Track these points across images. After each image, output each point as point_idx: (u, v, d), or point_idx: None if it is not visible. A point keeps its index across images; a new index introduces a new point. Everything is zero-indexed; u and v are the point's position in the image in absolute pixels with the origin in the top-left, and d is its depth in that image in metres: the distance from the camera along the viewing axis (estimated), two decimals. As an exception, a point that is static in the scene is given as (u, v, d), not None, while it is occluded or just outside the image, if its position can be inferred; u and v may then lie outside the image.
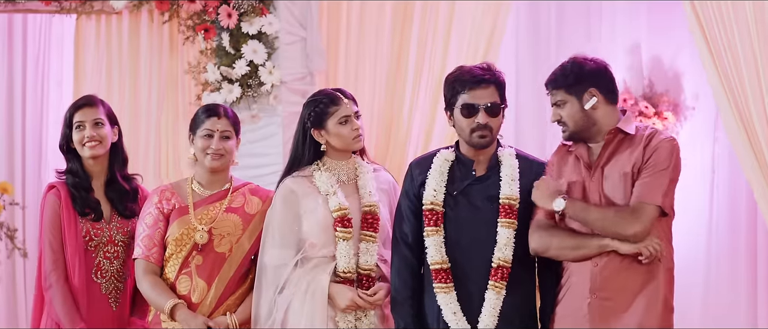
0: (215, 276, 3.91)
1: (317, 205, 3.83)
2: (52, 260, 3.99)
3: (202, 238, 3.91)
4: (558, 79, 3.69)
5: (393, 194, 3.94)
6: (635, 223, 3.51)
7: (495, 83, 3.73)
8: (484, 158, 3.78)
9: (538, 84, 6.02)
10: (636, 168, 3.60)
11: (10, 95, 6.09)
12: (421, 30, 5.48)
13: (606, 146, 3.66)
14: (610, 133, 3.66)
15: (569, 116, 3.67)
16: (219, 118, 3.95)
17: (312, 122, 3.87)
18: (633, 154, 3.62)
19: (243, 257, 3.94)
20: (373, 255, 3.82)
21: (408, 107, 5.47)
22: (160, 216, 3.96)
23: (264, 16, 5.36)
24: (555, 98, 3.69)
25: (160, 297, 3.87)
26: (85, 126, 4.03)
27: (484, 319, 3.68)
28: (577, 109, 3.66)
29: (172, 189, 4.01)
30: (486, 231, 3.71)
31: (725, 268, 5.83)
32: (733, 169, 5.69)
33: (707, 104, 5.81)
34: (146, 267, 3.93)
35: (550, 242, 3.62)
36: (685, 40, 5.65)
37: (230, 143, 3.96)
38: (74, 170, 4.07)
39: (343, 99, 3.87)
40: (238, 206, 3.98)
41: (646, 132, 3.67)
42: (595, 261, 3.58)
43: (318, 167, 3.89)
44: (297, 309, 3.79)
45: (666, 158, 3.59)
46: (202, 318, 3.85)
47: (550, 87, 3.72)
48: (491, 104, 3.71)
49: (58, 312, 3.96)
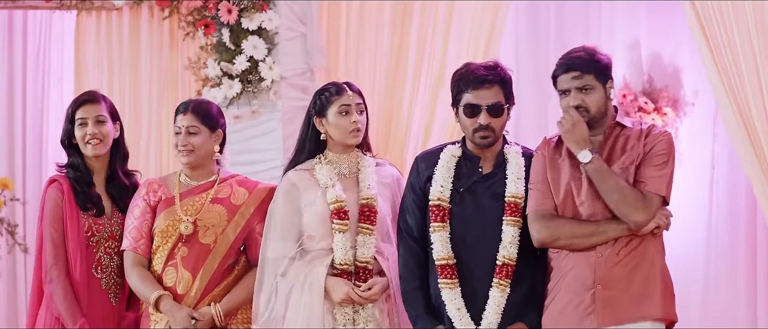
0: (200, 267, 3.91)
1: (316, 198, 3.84)
2: (53, 254, 3.99)
3: (186, 229, 3.91)
4: (589, 63, 3.62)
5: (396, 188, 3.94)
6: (644, 211, 3.53)
7: (499, 82, 3.70)
8: (491, 156, 3.77)
9: (538, 81, 6.07)
10: (637, 162, 3.60)
11: (11, 91, 6.10)
12: (421, 26, 5.49)
13: (606, 139, 3.65)
14: (609, 127, 3.66)
15: (594, 102, 3.61)
16: (184, 114, 3.95)
17: (316, 109, 3.88)
18: (633, 149, 3.62)
19: (228, 248, 3.94)
20: (370, 247, 3.82)
21: (408, 102, 5.48)
22: (147, 208, 3.96)
23: (264, 12, 5.36)
24: (582, 82, 3.60)
25: (147, 289, 3.89)
26: (88, 123, 4.03)
27: (488, 317, 3.67)
28: (602, 96, 3.62)
29: (160, 181, 4.02)
30: (491, 229, 3.70)
31: (725, 265, 5.83)
32: (732, 165, 5.70)
33: (707, 100, 5.81)
34: (134, 259, 3.94)
35: (560, 232, 3.60)
36: (684, 36, 5.66)
37: (197, 139, 3.93)
38: (76, 165, 4.06)
39: (347, 90, 3.88)
40: (225, 197, 3.98)
41: (643, 126, 3.68)
42: (600, 251, 3.58)
43: (319, 161, 3.90)
44: (295, 301, 3.79)
45: (666, 150, 3.60)
46: (186, 309, 3.86)
47: (576, 70, 3.62)
48: (493, 104, 3.69)
49: (59, 306, 3.96)
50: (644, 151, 3.60)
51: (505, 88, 3.72)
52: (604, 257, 3.57)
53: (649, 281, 3.57)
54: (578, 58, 3.63)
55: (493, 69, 3.71)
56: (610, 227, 3.57)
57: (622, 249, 3.57)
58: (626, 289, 3.56)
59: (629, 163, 3.61)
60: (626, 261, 3.57)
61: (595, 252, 3.58)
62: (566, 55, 3.68)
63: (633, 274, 3.56)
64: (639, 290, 3.56)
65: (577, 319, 3.59)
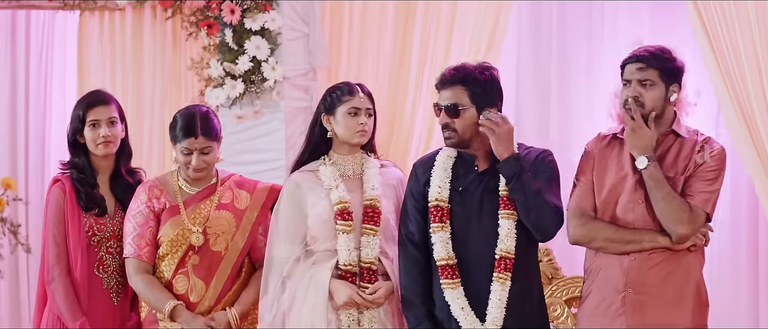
0: (213, 274, 3.92)
1: (320, 199, 3.85)
2: (55, 254, 4.01)
3: (198, 240, 3.92)
4: (655, 58, 3.58)
5: (401, 190, 3.95)
6: (689, 224, 3.51)
7: (461, 83, 3.70)
8: (485, 154, 3.77)
9: (539, 82, 6.07)
10: (688, 172, 3.56)
11: (14, 91, 6.09)
12: (424, 27, 5.50)
13: (659, 145, 3.61)
14: (664, 133, 3.62)
15: (651, 99, 3.57)
16: (195, 138, 3.91)
17: (325, 107, 3.89)
18: (686, 159, 3.59)
19: (238, 253, 3.96)
20: (375, 248, 3.83)
21: (410, 103, 5.49)
22: (151, 215, 3.96)
23: (267, 12, 5.37)
24: (644, 75, 3.57)
25: (158, 299, 3.89)
26: (101, 125, 4.03)
27: (492, 311, 3.68)
28: (662, 96, 3.58)
29: (160, 186, 4.00)
30: (490, 225, 3.71)
31: (727, 264, 5.82)
32: (734, 165, 5.69)
33: (709, 100, 5.80)
34: (138, 265, 3.94)
35: (596, 234, 3.58)
36: (687, 36, 5.65)
37: (210, 156, 3.95)
38: (80, 165, 4.07)
39: (358, 92, 3.89)
40: (228, 202, 3.98)
41: (699, 138, 3.63)
42: (633, 256, 3.56)
43: (324, 162, 3.91)
44: (300, 302, 3.80)
45: (719, 165, 3.58)
46: (202, 319, 3.87)
47: (639, 62, 3.58)
48: (449, 105, 3.71)
49: (60, 305, 3.97)
50: (696, 163, 3.57)
51: (471, 89, 3.70)
52: (637, 261, 3.56)
53: (683, 288, 3.55)
54: (648, 51, 3.61)
55: (456, 70, 3.73)
56: (646, 237, 3.54)
57: (657, 254, 3.55)
58: (659, 295, 3.54)
59: (680, 173, 3.57)
60: (662, 266, 3.55)
61: (628, 256, 3.56)
62: (640, 47, 3.65)
63: (666, 280, 3.55)
64: (671, 297, 3.54)
65: (608, 319, 3.58)
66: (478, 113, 3.70)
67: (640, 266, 3.55)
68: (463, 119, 3.71)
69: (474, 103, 3.71)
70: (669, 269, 3.55)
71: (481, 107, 3.70)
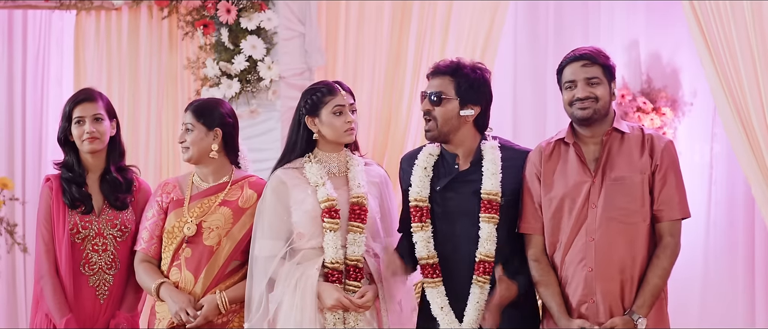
0: (202, 268, 3.92)
1: (306, 196, 3.83)
2: (43, 252, 4.02)
3: (189, 230, 3.92)
4: (600, 56, 3.60)
5: (384, 188, 3.95)
6: (677, 246, 3.59)
7: (450, 75, 3.70)
8: (466, 152, 3.75)
9: (536, 80, 6.08)
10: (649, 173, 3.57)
11: (11, 91, 6.10)
12: (420, 26, 5.50)
13: (604, 145, 3.61)
14: (607, 132, 3.62)
15: (602, 94, 3.58)
16: (185, 112, 4.03)
17: (307, 109, 3.87)
18: (635, 156, 3.59)
19: (231, 250, 3.95)
20: (361, 245, 3.82)
21: (406, 102, 5.49)
22: (159, 210, 4.00)
23: (263, 11, 5.37)
24: (590, 73, 3.58)
25: (149, 279, 3.93)
26: (85, 121, 4.04)
27: (469, 314, 3.67)
28: (608, 92, 3.60)
29: (176, 182, 4.05)
30: (471, 226, 3.70)
31: (723, 265, 5.84)
32: (730, 165, 5.70)
33: (705, 99, 5.82)
34: (143, 257, 3.99)
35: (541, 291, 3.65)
36: (683, 36, 5.67)
37: (191, 135, 3.97)
38: (69, 164, 4.07)
39: (340, 90, 3.88)
40: (233, 199, 3.99)
41: (644, 133, 3.64)
42: (590, 266, 3.56)
43: (309, 160, 3.89)
44: (287, 302, 3.78)
45: (675, 160, 3.60)
46: (187, 296, 3.88)
47: (587, 60, 3.59)
48: (433, 92, 3.71)
49: (48, 303, 3.98)
50: (654, 164, 3.56)
51: (458, 82, 3.70)
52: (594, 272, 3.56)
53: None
54: (587, 50, 3.62)
55: (450, 61, 3.73)
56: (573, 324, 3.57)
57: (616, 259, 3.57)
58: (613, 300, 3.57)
59: (638, 172, 3.56)
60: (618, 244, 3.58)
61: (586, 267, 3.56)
62: (574, 50, 3.66)
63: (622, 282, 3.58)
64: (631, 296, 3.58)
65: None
66: (460, 107, 3.69)
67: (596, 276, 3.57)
68: (445, 109, 3.69)
69: (458, 96, 3.69)
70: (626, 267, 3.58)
71: (465, 102, 3.69)
